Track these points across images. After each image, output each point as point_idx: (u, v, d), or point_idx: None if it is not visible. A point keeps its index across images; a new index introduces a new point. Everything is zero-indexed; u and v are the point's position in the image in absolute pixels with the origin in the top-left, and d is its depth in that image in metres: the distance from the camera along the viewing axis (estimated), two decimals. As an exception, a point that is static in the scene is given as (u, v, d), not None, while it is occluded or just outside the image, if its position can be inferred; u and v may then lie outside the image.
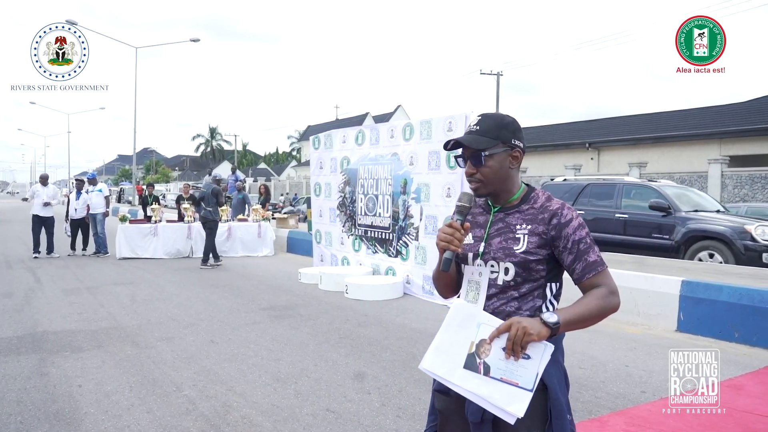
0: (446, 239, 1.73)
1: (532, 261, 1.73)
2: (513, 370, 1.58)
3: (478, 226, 1.85)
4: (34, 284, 9.09)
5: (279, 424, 3.67)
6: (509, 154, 1.80)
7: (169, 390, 4.28)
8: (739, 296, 5.75)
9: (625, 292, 6.68)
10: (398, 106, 61.31)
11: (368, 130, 10.01)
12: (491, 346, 1.61)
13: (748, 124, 23.39)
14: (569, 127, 34.43)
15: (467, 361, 1.61)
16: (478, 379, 1.60)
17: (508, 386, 1.58)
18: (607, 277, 1.74)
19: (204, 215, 11.58)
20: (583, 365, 4.98)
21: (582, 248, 1.73)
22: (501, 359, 1.59)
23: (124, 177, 71.03)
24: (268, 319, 6.74)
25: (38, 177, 13.60)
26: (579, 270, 1.73)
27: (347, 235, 10.30)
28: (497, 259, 1.76)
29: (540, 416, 1.68)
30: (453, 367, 1.62)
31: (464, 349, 1.62)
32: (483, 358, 1.61)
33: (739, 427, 3.58)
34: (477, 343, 1.62)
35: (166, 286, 8.99)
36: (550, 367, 1.67)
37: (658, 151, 25.67)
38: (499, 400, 1.57)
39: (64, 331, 6.07)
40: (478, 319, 1.65)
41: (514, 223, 1.78)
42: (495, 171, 1.78)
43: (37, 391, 4.26)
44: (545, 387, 1.68)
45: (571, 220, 1.74)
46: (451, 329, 1.66)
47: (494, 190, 1.81)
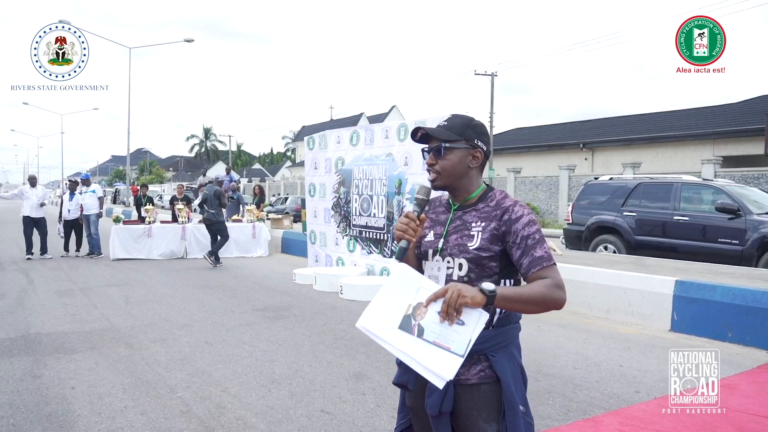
0: (402, 228, 1.80)
1: (484, 257, 1.79)
2: (446, 334, 1.61)
3: (439, 224, 1.92)
4: (26, 285, 9.04)
5: (273, 426, 3.66)
6: (470, 153, 1.87)
7: (162, 391, 4.26)
8: (733, 296, 5.77)
9: (619, 291, 6.75)
10: (393, 106, 61.40)
11: (363, 130, 10.01)
12: (427, 309, 1.64)
13: (741, 125, 23.53)
14: (563, 128, 34.56)
15: (403, 322, 1.64)
16: (411, 340, 1.62)
17: (440, 350, 1.60)
18: (554, 271, 1.76)
19: (208, 217, 11.58)
20: (578, 365, 4.99)
21: (530, 243, 1.76)
22: (435, 323, 1.62)
23: (118, 178, 70.79)
24: (262, 320, 6.72)
25: (27, 178, 13.53)
26: (526, 264, 1.76)
27: (342, 236, 10.29)
28: (452, 255, 1.83)
29: (494, 408, 1.75)
30: (388, 326, 1.65)
31: (401, 311, 1.65)
32: (418, 320, 1.64)
33: (732, 426, 3.59)
34: (414, 305, 1.65)
35: (160, 288, 8.96)
36: (503, 360, 1.77)
37: (653, 151, 25.78)
38: (430, 363, 1.59)
39: (57, 332, 6.03)
40: (419, 284, 1.68)
41: (470, 221, 1.85)
42: (453, 165, 1.85)
43: (30, 393, 4.23)
44: (498, 379, 1.75)
45: (521, 216, 1.79)
46: (392, 290, 1.69)
47: (450, 184, 1.88)
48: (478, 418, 1.74)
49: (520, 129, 39.35)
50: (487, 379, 1.77)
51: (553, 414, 3.88)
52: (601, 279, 6.99)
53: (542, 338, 5.92)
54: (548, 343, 5.74)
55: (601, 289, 6.93)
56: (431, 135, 1.87)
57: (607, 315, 6.81)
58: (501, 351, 1.79)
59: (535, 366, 4.94)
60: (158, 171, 73.30)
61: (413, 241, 1.83)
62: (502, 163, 31.20)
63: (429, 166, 1.88)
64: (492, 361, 1.77)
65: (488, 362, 1.77)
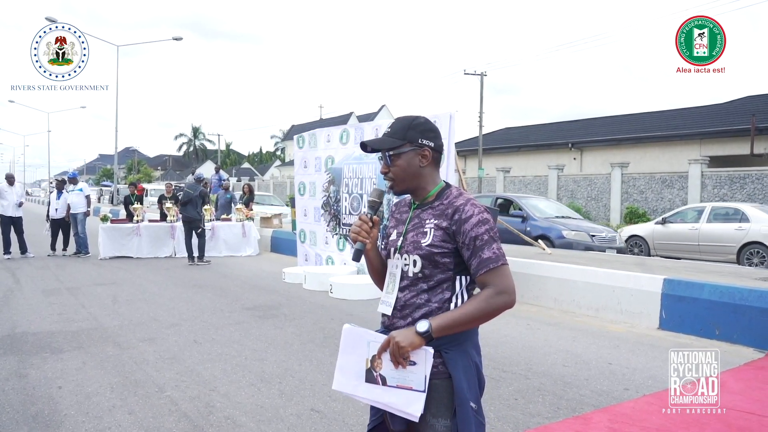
0: (356, 231, 1.88)
1: (436, 254, 1.81)
2: (405, 376, 1.76)
3: (401, 223, 1.95)
4: (12, 285, 8.94)
5: (263, 425, 3.64)
6: (418, 153, 1.88)
7: (151, 391, 4.23)
8: (720, 294, 5.82)
9: (607, 290, 6.79)
10: (382, 105, 61.38)
11: (353, 129, 10.00)
12: (382, 360, 1.78)
13: (728, 125, 23.76)
14: (552, 128, 34.70)
15: (367, 375, 1.81)
16: (378, 389, 1.79)
17: (404, 391, 1.76)
18: (499, 275, 1.77)
19: (191, 216, 11.61)
20: (567, 363, 5.01)
21: (478, 245, 1.77)
22: (392, 369, 1.77)
23: (106, 176, 70.19)
24: (251, 318, 6.69)
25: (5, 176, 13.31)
26: (474, 266, 1.79)
27: (332, 235, 10.27)
28: (408, 252, 1.87)
29: (443, 404, 1.77)
30: (357, 383, 1.83)
31: (362, 366, 1.82)
32: (378, 371, 1.79)
33: (720, 423, 3.62)
34: (370, 359, 1.80)
35: (149, 287, 8.89)
36: (456, 357, 1.79)
37: (640, 151, 25.96)
38: (400, 404, 1.76)
39: (43, 332, 5.97)
40: (367, 338, 1.83)
41: (425, 218, 1.88)
42: (404, 169, 1.88)
43: (16, 392, 4.18)
44: (449, 376, 1.78)
45: (471, 217, 1.80)
46: (348, 351, 1.86)
47: (407, 188, 1.91)
48: (426, 412, 1.75)
49: (509, 129, 39.47)
50: (440, 375, 1.78)
51: (543, 411, 3.89)
52: (590, 277, 7.03)
53: (532, 336, 5.93)
54: (537, 341, 5.76)
55: (590, 287, 6.96)
56: (375, 147, 1.90)
57: (596, 313, 6.85)
58: (455, 348, 1.79)
59: (525, 364, 4.95)
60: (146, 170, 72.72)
61: (368, 243, 1.89)
62: (492, 162, 31.28)
63: (383, 174, 1.92)
64: (445, 357, 1.78)
65: (441, 359, 1.78)
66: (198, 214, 11.80)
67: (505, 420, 3.73)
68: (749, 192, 18.52)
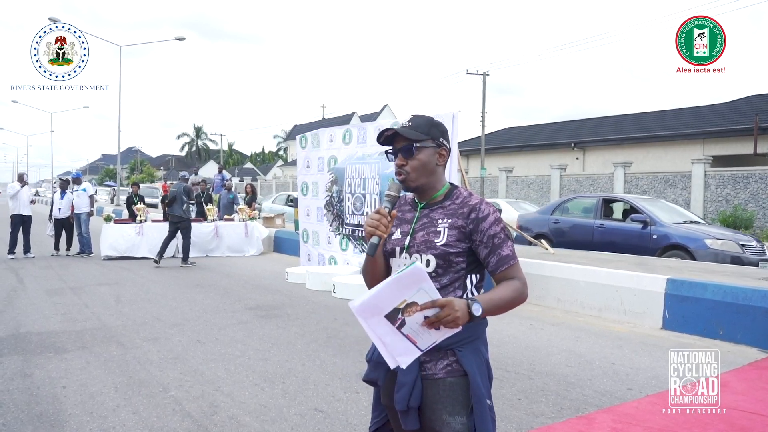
0: (373, 224, 1.82)
1: (451, 253, 1.83)
2: (421, 333, 1.69)
3: (405, 222, 1.95)
4: (16, 284, 8.97)
5: (267, 424, 3.64)
6: (437, 151, 1.91)
7: (155, 390, 4.24)
8: (724, 294, 5.81)
9: (611, 290, 6.78)
10: (385, 105, 61.40)
11: (355, 129, 10.00)
12: (417, 311, 1.66)
13: (731, 125, 23.70)
14: (554, 128, 34.65)
15: (392, 312, 1.68)
16: (388, 328, 1.68)
17: (408, 342, 1.69)
18: (519, 270, 1.85)
19: (178, 214, 11.46)
20: (570, 363, 5.00)
21: (496, 242, 1.82)
22: (418, 323, 1.67)
23: (109, 176, 70.30)
24: (255, 318, 6.70)
25: (17, 176, 13.33)
26: (493, 263, 1.83)
27: (334, 235, 10.27)
28: (420, 251, 1.86)
29: (459, 402, 1.78)
30: (374, 313, 1.68)
31: (394, 304, 1.68)
32: (405, 316, 1.67)
33: (724, 423, 3.62)
34: (409, 302, 1.67)
35: (152, 286, 8.91)
36: (470, 355, 1.80)
37: (643, 151, 25.92)
38: (395, 349, 1.69)
39: (47, 331, 5.98)
40: (424, 286, 1.68)
41: (436, 218, 1.89)
42: (423, 164, 1.89)
43: (20, 392, 4.20)
44: (465, 373, 1.79)
45: (488, 215, 1.84)
46: (398, 286, 1.67)
47: (420, 184, 1.91)
48: (442, 411, 1.77)
49: (511, 129, 39.42)
50: (454, 373, 1.80)
51: (547, 411, 3.89)
52: (593, 277, 7.02)
53: (535, 336, 5.93)
54: (541, 341, 5.76)
55: (594, 287, 6.96)
56: (400, 135, 1.89)
57: (599, 313, 6.84)
58: (468, 346, 1.82)
59: (528, 364, 4.95)
60: (149, 170, 72.82)
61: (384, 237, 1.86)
62: (494, 162, 31.27)
63: (398, 167, 1.90)
64: (459, 356, 1.80)
65: (455, 357, 1.80)
66: (184, 212, 11.49)
67: (508, 420, 3.73)
68: (752, 191, 18.48)
